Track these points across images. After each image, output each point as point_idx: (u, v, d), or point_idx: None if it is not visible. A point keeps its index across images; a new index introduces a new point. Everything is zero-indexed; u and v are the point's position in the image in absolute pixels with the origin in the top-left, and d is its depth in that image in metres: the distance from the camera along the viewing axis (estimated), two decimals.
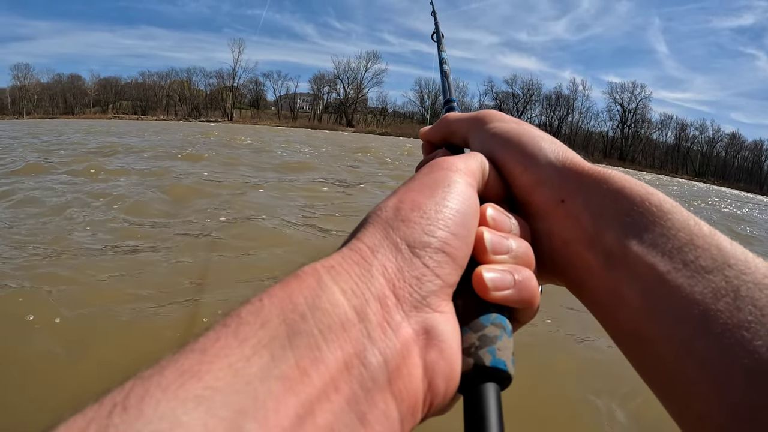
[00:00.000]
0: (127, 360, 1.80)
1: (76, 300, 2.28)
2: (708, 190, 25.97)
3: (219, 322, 0.17)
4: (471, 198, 0.25)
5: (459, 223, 0.23)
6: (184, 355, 0.15)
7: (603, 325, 0.26)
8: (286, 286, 0.18)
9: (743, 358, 0.19)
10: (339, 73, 60.89)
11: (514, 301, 0.23)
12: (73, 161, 7.15)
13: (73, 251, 2.97)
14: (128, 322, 2.12)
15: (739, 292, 0.21)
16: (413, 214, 0.22)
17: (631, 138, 58.19)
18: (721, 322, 0.20)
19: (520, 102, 60.22)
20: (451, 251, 0.22)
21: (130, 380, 0.14)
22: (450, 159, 0.27)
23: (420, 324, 0.19)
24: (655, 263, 0.23)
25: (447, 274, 0.21)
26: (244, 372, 0.15)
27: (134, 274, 2.66)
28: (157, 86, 59.19)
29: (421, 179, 0.25)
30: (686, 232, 0.24)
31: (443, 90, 0.50)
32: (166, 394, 0.13)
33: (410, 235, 0.21)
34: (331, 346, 0.16)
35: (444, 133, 0.38)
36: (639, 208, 0.25)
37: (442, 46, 0.62)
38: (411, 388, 0.18)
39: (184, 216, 4.11)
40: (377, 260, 0.20)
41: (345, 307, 0.18)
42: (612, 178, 0.27)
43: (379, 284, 0.19)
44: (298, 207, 4.74)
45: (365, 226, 0.22)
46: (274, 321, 0.16)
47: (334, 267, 0.19)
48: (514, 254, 0.25)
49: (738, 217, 10.12)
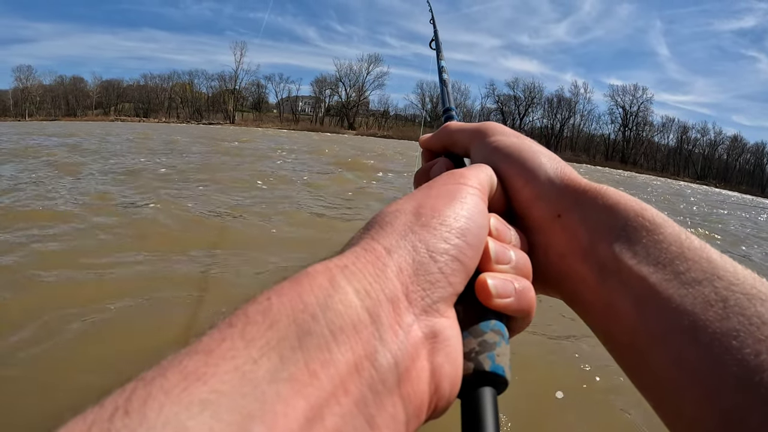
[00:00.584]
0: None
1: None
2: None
3: (224, 320, 0.16)
4: (484, 212, 0.25)
5: (474, 234, 0.23)
6: (187, 356, 0.14)
7: (597, 335, 0.27)
8: (296, 285, 0.18)
9: (732, 365, 0.20)
10: (341, 75, 61.23)
11: (513, 310, 0.24)
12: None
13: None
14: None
15: (728, 302, 0.22)
16: (434, 220, 0.22)
17: (632, 141, 58.23)
18: (710, 331, 0.21)
19: (521, 105, 60.36)
20: (465, 260, 0.22)
21: (132, 382, 0.14)
22: (465, 172, 0.28)
23: (429, 327, 0.20)
24: (647, 275, 0.24)
25: (458, 283, 0.22)
26: (251, 375, 0.14)
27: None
28: (159, 89, 59.36)
29: (438, 188, 0.26)
30: (677, 246, 0.24)
31: (442, 98, 0.50)
32: (169, 398, 0.13)
33: (430, 240, 0.21)
34: (342, 348, 0.16)
35: (445, 142, 0.38)
36: (633, 222, 0.26)
37: (441, 54, 0.60)
38: (419, 391, 0.18)
39: None
40: (393, 261, 0.20)
41: (358, 308, 0.17)
42: (607, 193, 0.28)
43: (393, 286, 0.19)
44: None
45: (381, 225, 0.22)
46: (283, 321, 0.16)
47: (348, 267, 0.19)
48: (515, 265, 0.25)
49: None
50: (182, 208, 4.44)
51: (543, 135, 60.49)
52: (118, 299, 2.36)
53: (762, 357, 0.20)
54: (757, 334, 0.20)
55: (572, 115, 59.84)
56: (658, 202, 12.50)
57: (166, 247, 3.25)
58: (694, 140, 59.30)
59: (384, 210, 0.24)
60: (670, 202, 14.00)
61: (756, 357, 0.20)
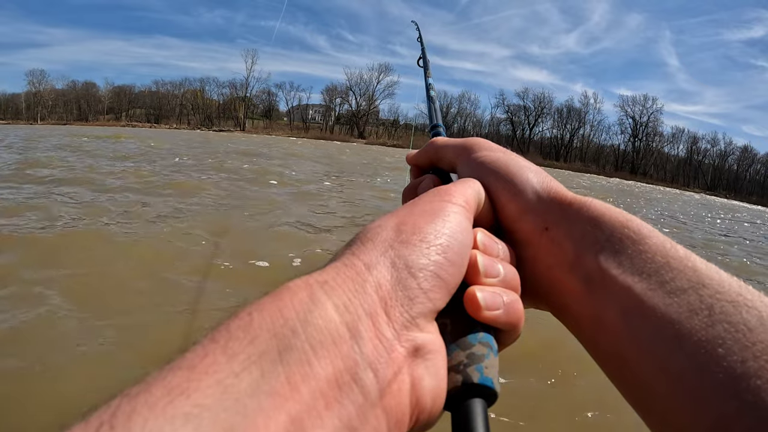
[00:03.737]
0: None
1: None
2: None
3: (207, 336, 0.16)
4: (467, 229, 0.25)
5: (455, 251, 0.23)
6: (171, 372, 0.15)
7: (585, 346, 0.27)
8: (277, 300, 0.18)
9: (718, 372, 0.20)
10: (351, 84, 61.57)
11: (502, 323, 0.24)
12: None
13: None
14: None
15: (713, 310, 0.22)
16: (413, 237, 0.23)
17: (642, 151, 58.46)
18: (695, 339, 0.21)
19: (531, 115, 60.69)
20: (445, 276, 0.22)
21: (117, 398, 0.14)
22: (451, 189, 0.28)
23: (410, 342, 0.20)
24: (633, 285, 0.24)
25: (438, 299, 0.22)
26: (233, 388, 0.14)
27: None
28: (171, 95, 59.43)
29: (422, 206, 0.26)
30: (662, 255, 0.25)
31: (429, 115, 0.50)
32: (153, 412, 0.13)
33: (409, 257, 0.22)
34: (322, 362, 0.16)
35: (432, 158, 0.38)
36: (618, 233, 0.26)
37: (429, 72, 0.62)
38: (400, 404, 0.19)
39: None
40: (372, 277, 0.20)
41: (337, 323, 0.18)
42: (592, 205, 0.28)
43: (372, 301, 0.19)
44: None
45: (363, 242, 0.23)
46: (264, 336, 0.16)
47: (328, 282, 0.19)
48: (503, 278, 0.26)
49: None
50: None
51: (553, 145, 60.73)
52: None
53: (748, 364, 0.20)
54: (743, 341, 0.20)
55: (582, 126, 60.23)
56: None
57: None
58: (704, 151, 59.66)
59: (367, 226, 0.24)
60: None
61: (742, 364, 0.20)
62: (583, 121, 59.95)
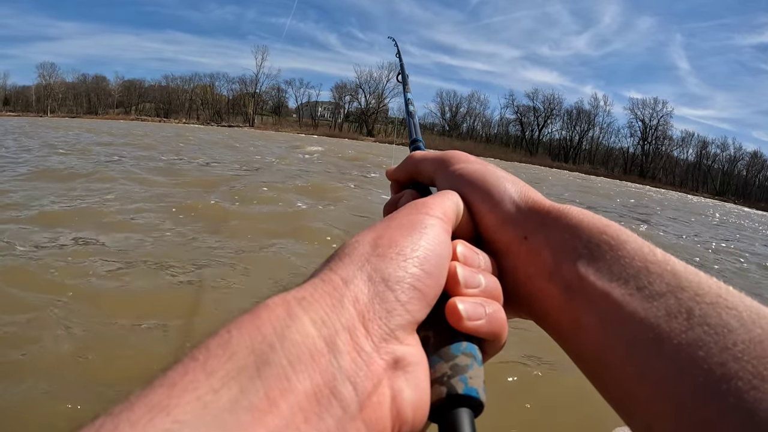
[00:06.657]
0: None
1: None
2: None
3: (188, 354, 0.17)
4: (445, 242, 0.26)
5: (433, 263, 0.23)
6: (152, 390, 0.15)
7: (567, 353, 0.27)
8: (255, 317, 0.18)
9: (698, 375, 0.20)
10: (361, 82, 61.35)
11: (484, 333, 0.24)
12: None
13: None
14: None
15: (692, 313, 0.22)
16: (390, 250, 0.23)
17: (651, 155, 58.31)
18: (675, 342, 0.21)
19: (540, 116, 60.55)
20: (423, 288, 0.22)
21: (101, 417, 0.14)
22: (428, 202, 0.28)
23: (389, 354, 0.20)
24: (611, 291, 0.24)
25: (416, 311, 0.22)
26: (212, 405, 0.15)
27: None
28: (180, 90, 59.31)
29: (400, 219, 0.26)
30: (641, 260, 0.25)
31: (409, 130, 0.49)
32: (135, 430, 0.13)
33: (385, 270, 0.22)
34: (300, 376, 0.16)
35: (411, 172, 0.39)
36: (595, 240, 0.26)
37: (408, 87, 0.63)
38: (381, 417, 0.19)
39: None
40: (349, 291, 0.20)
41: (314, 338, 0.18)
42: (570, 213, 0.29)
43: (350, 315, 0.20)
44: None
45: (340, 257, 0.23)
46: (242, 352, 0.16)
47: (306, 298, 0.19)
48: (484, 288, 0.26)
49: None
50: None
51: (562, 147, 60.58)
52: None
53: (728, 365, 0.19)
54: (722, 342, 0.20)
55: (591, 128, 60.06)
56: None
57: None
58: (714, 155, 59.46)
59: (346, 242, 0.24)
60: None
61: (722, 366, 0.20)
62: (592, 123, 59.81)
